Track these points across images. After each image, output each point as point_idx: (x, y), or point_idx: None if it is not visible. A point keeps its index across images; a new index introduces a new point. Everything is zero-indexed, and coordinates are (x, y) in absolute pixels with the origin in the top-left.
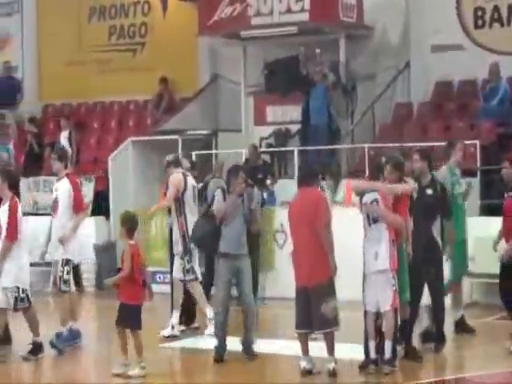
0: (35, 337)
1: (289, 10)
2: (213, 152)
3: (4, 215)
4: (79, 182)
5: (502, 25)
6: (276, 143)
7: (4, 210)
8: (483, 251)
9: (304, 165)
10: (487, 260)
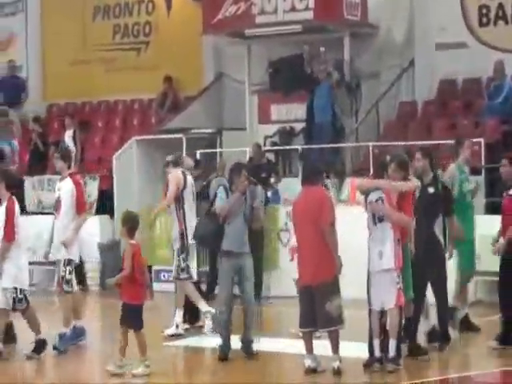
0: (37, 335)
1: (293, 9)
2: (217, 150)
3: (1, 215)
4: (82, 183)
5: (507, 22)
6: (280, 141)
7: (1, 211)
8: (488, 249)
9: (308, 163)
10: (492, 258)
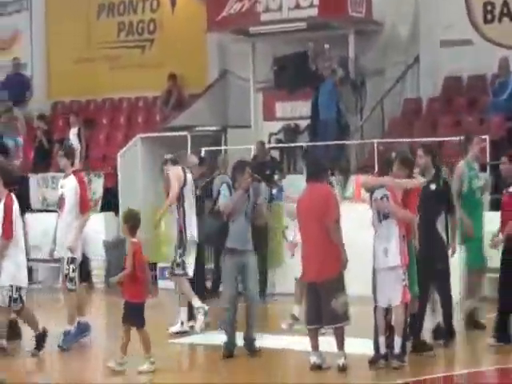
0: (36, 331)
1: (297, 6)
2: (222, 148)
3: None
4: (86, 181)
5: None
6: (285, 139)
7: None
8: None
9: (313, 160)
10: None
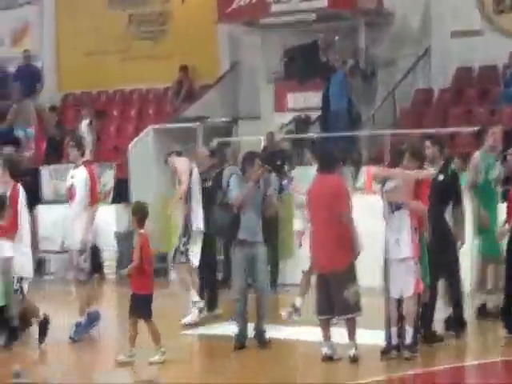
0: (37, 319)
1: None
2: (233, 139)
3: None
4: (96, 172)
5: None
6: (296, 130)
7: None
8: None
9: (325, 151)
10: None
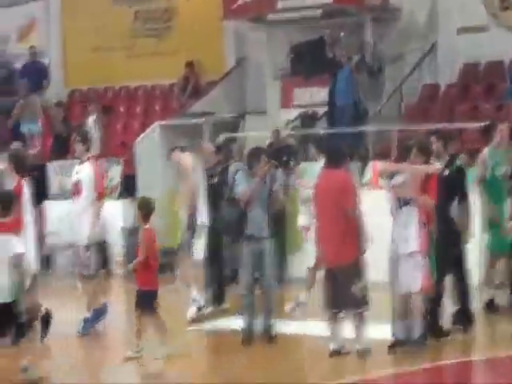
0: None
1: None
2: (239, 135)
3: None
4: (101, 167)
5: None
6: (302, 126)
7: None
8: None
9: (333, 147)
10: None
